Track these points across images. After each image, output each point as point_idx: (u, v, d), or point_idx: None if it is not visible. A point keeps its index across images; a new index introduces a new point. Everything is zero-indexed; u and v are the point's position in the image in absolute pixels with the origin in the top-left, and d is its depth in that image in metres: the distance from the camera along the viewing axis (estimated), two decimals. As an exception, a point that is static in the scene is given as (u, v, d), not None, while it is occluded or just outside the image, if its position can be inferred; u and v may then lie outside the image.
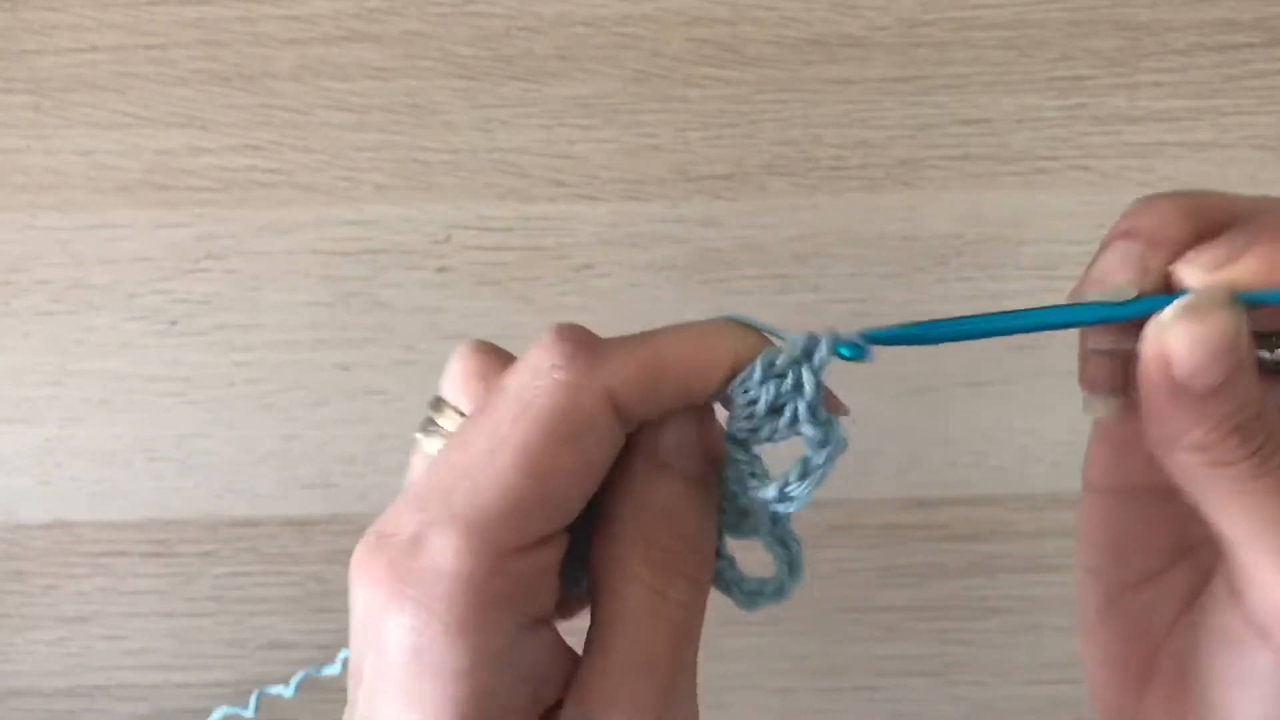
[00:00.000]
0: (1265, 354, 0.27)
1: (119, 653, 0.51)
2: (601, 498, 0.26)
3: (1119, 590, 0.30)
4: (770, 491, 0.27)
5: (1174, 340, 0.25)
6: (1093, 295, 0.27)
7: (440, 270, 0.52)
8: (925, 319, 0.27)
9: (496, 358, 0.28)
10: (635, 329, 0.28)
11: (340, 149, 0.53)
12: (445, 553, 0.23)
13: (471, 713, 0.23)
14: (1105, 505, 0.31)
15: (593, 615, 0.26)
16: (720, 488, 0.28)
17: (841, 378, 0.35)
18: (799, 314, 0.29)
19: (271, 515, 0.51)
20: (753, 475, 0.27)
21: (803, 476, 0.27)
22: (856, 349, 0.27)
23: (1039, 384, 0.51)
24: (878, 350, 0.27)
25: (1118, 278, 0.26)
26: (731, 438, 0.27)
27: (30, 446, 0.52)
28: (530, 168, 0.53)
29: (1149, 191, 0.27)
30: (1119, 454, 0.29)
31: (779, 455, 0.27)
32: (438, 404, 0.28)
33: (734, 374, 0.26)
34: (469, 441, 0.25)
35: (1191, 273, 0.25)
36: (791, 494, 0.27)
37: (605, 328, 0.27)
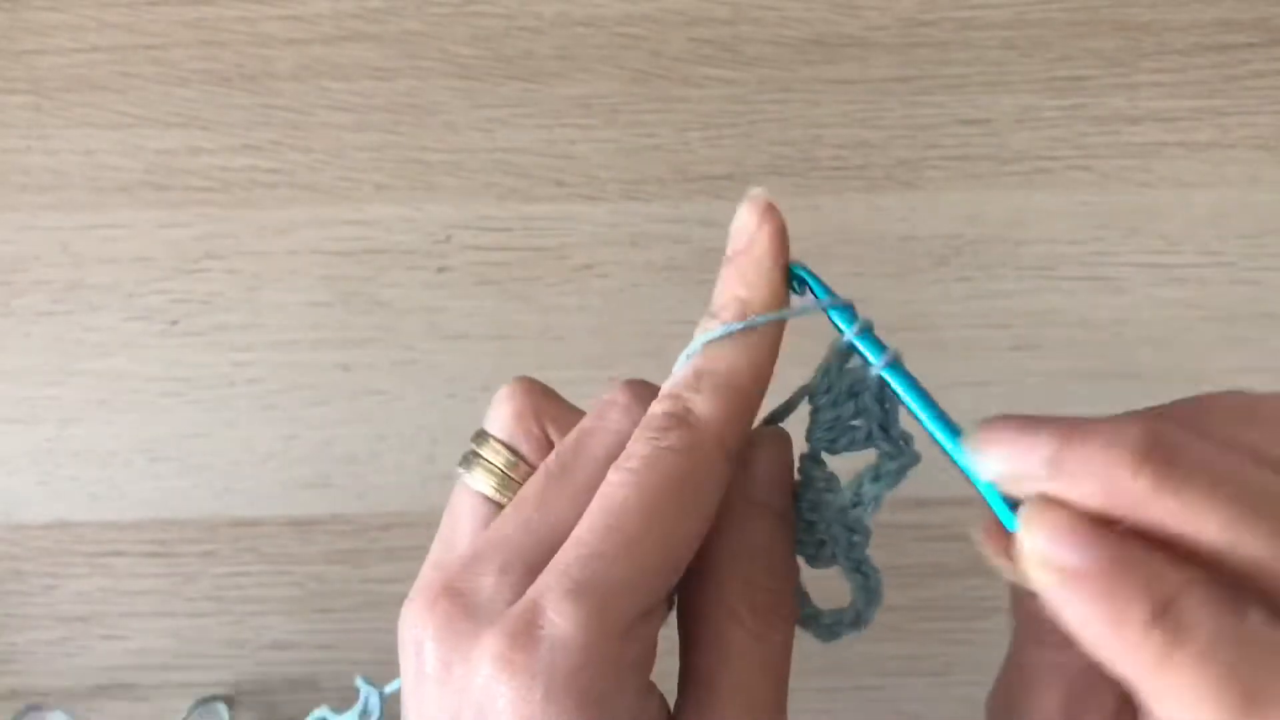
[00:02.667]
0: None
1: (119, 653, 0.51)
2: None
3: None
4: (846, 496, 0.27)
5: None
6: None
7: (440, 270, 0.52)
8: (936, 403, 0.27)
9: (547, 398, 0.28)
10: (635, 329, 0.28)
11: (340, 149, 0.53)
12: (571, 628, 0.23)
13: None
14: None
15: (690, 658, 0.26)
16: (797, 516, 0.27)
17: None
18: (798, 313, 0.29)
19: (271, 515, 0.51)
20: (828, 490, 0.27)
21: (876, 479, 0.27)
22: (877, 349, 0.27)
23: (1039, 384, 0.51)
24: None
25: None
26: (810, 456, 0.27)
27: (30, 446, 0.52)
28: (530, 168, 0.53)
29: (1148, 192, 0.27)
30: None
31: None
32: (481, 438, 0.28)
33: (773, 358, 0.27)
34: (552, 501, 0.25)
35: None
36: (864, 495, 0.27)
37: (605, 328, 0.28)
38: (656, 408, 0.26)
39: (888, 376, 0.26)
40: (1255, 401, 0.24)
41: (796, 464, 0.28)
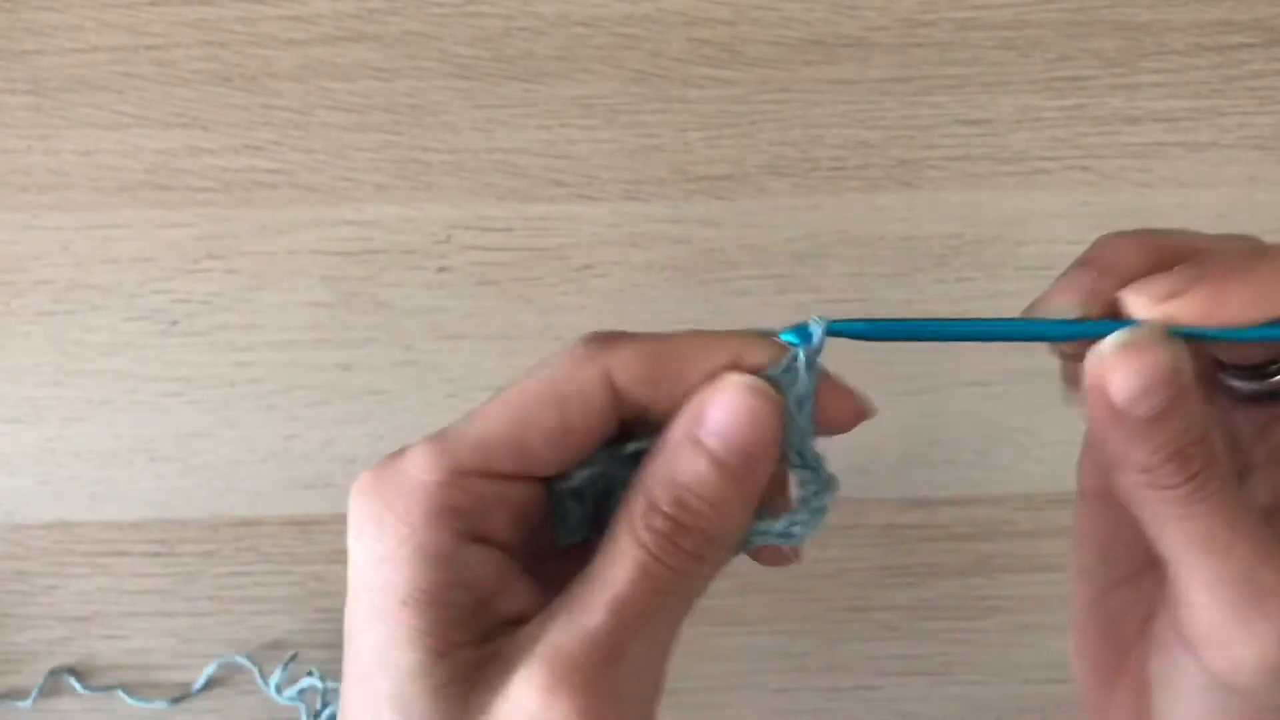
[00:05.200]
0: (1239, 384, 0.29)
1: (119, 653, 0.51)
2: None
3: (1101, 591, 0.32)
4: (778, 525, 0.28)
5: (1110, 371, 0.26)
6: (1039, 315, 0.28)
7: (440, 270, 0.52)
8: (885, 318, 0.28)
9: None
10: (635, 329, 0.28)
11: (340, 149, 0.53)
12: (411, 461, 0.27)
13: (408, 597, 0.26)
14: (1093, 508, 0.32)
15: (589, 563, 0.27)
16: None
17: (843, 378, 0.35)
18: (798, 314, 0.29)
19: (272, 515, 0.51)
20: (765, 516, 0.28)
21: (807, 513, 0.28)
22: (806, 335, 0.27)
23: (1039, 384, 0.51)
24: (880, 352, 0.27)
25: (1061, 301, 0.28)
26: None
27: (30, 446, 0.52)
28: (530, 168, 0.53)
29: (1148, 192, 0.28)
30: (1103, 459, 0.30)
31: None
32: None
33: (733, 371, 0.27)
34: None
35: (1137, 302, 0.27)
36: (794, 531, 0.28)
37: (605, 327, 0.28)
38: (590, 335, 0.28)
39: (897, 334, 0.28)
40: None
41: None
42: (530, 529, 0.28)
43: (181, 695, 0.50)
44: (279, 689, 0.49)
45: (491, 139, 0.53)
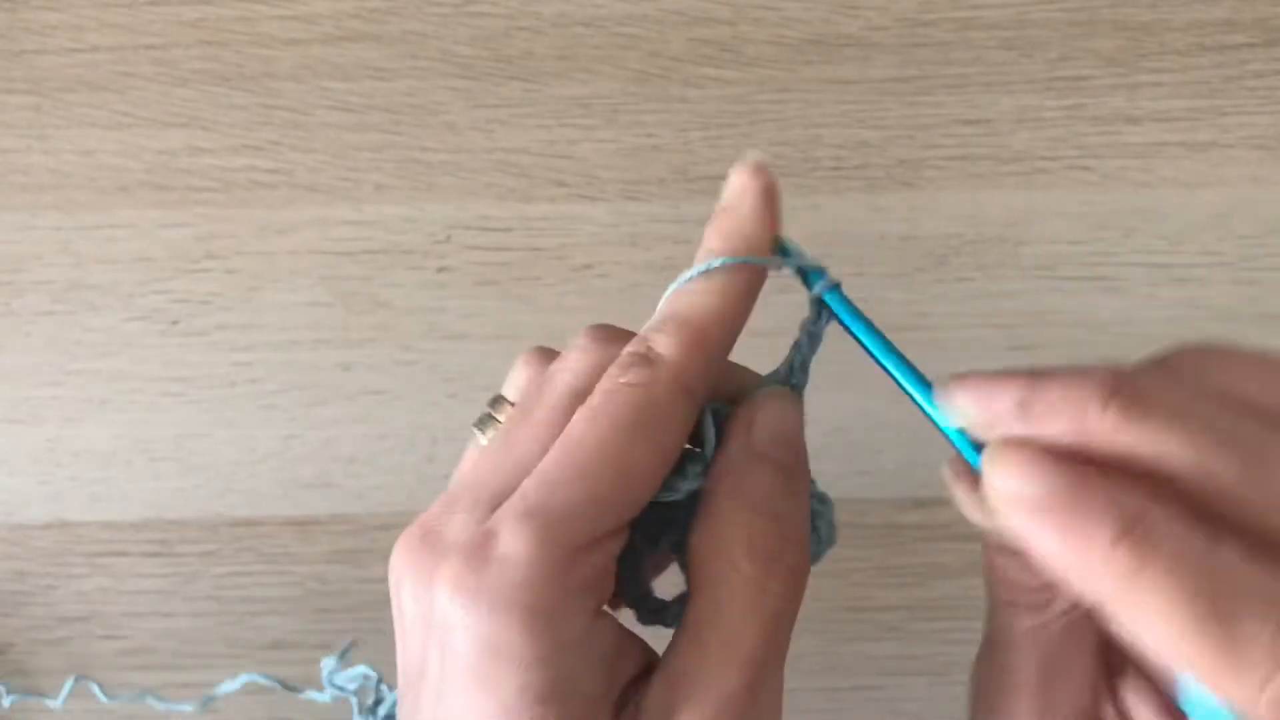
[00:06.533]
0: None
1: (119, 653, 0.51)
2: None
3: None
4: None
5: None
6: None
7: (440, 270, 0.52)
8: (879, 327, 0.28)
9: None
10: (635, 329, 0.28)
11: (340, 149, 0.53)
12: (520, 547, 0.24)
13: (548, 696, 0.24)
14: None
15: (690, 601, 0.26)
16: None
17: (842, 377, 0.35)
18: (799, 313, 0.29)
19: (271, 515, 0.51)
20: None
21: (816, 536, 0.29)
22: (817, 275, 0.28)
23: (1039, 384, 0.51)
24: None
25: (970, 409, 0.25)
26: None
27: (30, 446, 0.52)
28: (530, 168, 0.53)
29: (1148, 192, 0.27)
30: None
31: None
32: (498, 402, 0.29)
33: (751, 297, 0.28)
34: (517, 440, 0.26)
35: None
36: (817, 554, 0.29)
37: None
38: (625, 349, 0.27)
39: (859, 335, 0.28)
40: (1220, 349, 0.24)
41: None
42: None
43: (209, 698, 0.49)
44: (330, 680, 0.47)
45: (491, 139, 0.53)
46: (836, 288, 0.28)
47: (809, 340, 0.29)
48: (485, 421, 0.29)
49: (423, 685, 0.25)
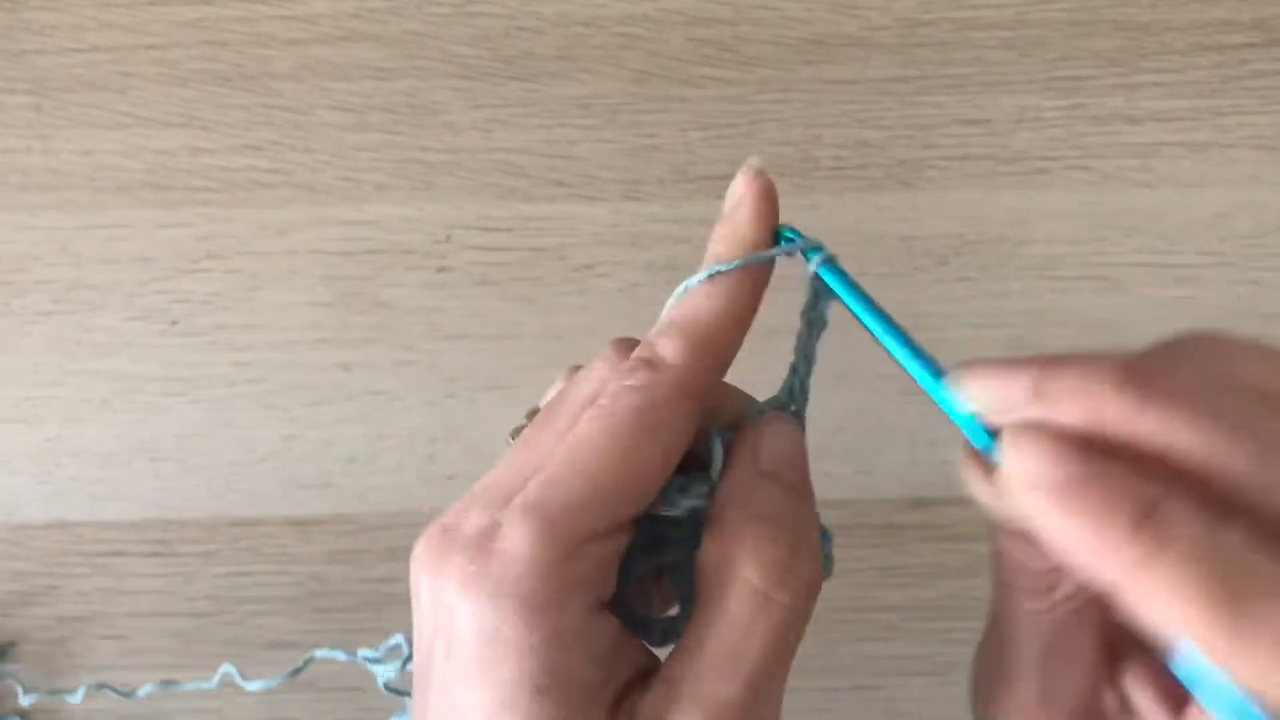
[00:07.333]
0: None
1: (119, 653, 0.51)
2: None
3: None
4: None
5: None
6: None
7: (440, 270, 0.52)
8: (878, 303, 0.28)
9: None
10: (635, 329, 0.28)
11: (340, 149, 0.53)
12: (520, 539, 0.25)
13: (545, 685, 0.24)
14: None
15: (695, 609, 0.26)
16: None
17: (842, 377, 0.35)
18: (798, 314, 0.30)
19: (271, 515, 0.51)
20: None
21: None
22: (794, 240, 0.29)
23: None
24: (883, 351, 0.27)
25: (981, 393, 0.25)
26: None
27: (30, 446, 0.52)
28: (530, 168, 0.53)
29: (1148, 192, 0.27)
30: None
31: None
32: (533, 414, 0.30)
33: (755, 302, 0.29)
34: (537, 443, 0.27)
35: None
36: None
37: (605, 328, 0.28)
38: (631, 355, 0.28)
39: (859, 312, 0.28)
40: (1230, 338, 0.25)
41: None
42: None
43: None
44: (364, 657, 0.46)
45: (491, 139, 0.53)
46: (831, 261, 0.28)
47: (809, 329, 0.29)
48: (519, 431, 0.30)
49: (430, 675, 0.26)
